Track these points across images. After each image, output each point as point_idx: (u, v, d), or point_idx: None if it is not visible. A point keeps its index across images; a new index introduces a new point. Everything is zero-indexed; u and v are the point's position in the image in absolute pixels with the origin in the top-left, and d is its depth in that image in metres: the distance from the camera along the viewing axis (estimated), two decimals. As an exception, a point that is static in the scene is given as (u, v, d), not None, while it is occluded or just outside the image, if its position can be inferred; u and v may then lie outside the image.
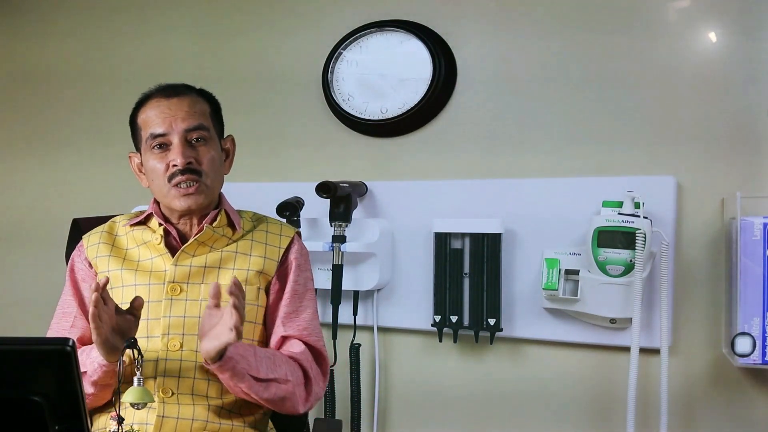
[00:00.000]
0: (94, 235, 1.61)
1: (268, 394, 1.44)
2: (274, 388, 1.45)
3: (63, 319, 1.58)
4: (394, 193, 2.19)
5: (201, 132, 1.52)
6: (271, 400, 1.46)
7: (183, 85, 1.57)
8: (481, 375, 2.12)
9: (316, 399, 1.55)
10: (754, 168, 1.86)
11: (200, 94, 1.58)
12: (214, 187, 1.54)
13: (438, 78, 2.13)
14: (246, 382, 1.40)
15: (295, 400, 1.49)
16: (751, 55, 1.87)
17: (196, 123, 1.51)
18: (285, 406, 1.49)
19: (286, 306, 1.56)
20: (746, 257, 1.74)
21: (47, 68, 2.74)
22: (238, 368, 1.38)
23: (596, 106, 2.00)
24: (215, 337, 1.34)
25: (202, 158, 1.51)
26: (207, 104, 1.58)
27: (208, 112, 1.56)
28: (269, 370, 1.44)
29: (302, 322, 1.56)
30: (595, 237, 1.84)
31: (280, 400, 1.47)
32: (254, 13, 2.43)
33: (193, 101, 1.54)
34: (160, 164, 1.50)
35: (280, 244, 1.58)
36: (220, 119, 1.62)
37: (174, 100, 1.52)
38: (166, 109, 1.51)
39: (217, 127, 1.59)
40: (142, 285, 1.52)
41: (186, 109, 1.51)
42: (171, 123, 1.50)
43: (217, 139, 1.57)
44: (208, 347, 1.35)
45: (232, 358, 1.37)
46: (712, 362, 1.89)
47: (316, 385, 1.54)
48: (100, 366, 1.39)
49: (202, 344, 1.37)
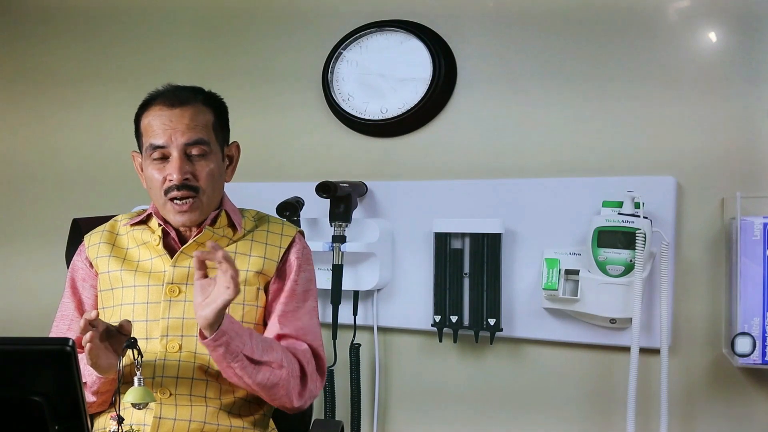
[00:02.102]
0: (95, 235, 1.61)
1: (261, 377, 1.42)
2: (267, 372, 1.43)
3: (61, 322, 1.58)
4: (394, 193, 2.19)
5: (201, 147, 1.49)
6: (263, 384, 1.43)
7: (190, 91, 1.54)
8: (481, 375, 2.12)
9: (311, 396, 1.53)
10: (754, 168, 1.86)
11: (206, 102, 1.54)
12: (210, 202, 1.52)
13: (438, 78, 2.13)
14: (239, 361, 1.38)
15: (288, 389, 1.46)
16: (751, 55, 1.87)
17: (196, 137, 1.48)
18: (277, 394, 1.46)
19: (284, 304, 1.54)
20: (746, 257, 1.74)
21: (47, 68, 2.74)
22: (232, 345, 1.36)
23: (596, 106, 2.00)
24: (212, 300, 1.32)
25: (199, 173, 1.49)
26: (211, 113, 1.54)
27: (211, 123, 1.53)
28: (264, 353, 1.42)
29: (300, 322, 1.55)
30: (595, 237, 1.84)
31: (273, 387, 1.44)
32: (254, 13, 2.43)
33: (196, 112, 1.50)
34: (158, 175, 1.49)
35: (280, 244, 1.57)
36: (225, 126, 1.59)
37: (177, 111, 1.49)
38: (168, 121, 1.48)
39: (221, 135, 1.56)
40: (141, 286, 1.51)
41: (187, 122, 1.48)
42: (171, 135, 1.47)
43: (219, 150, 1.54)
44: (205, 312, 1.33)
45: (226, 332, 1.35)
46: (712, 362, 1.89)
47: (311, 382, 1.52)
48: (98, 378, 1.39)
49: (199, 313, 1.34)
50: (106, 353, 1.33)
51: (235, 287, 1.29)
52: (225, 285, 1.29)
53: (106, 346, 1.33)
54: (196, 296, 1.35)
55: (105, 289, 1.55)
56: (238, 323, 1.40)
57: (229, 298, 1.30)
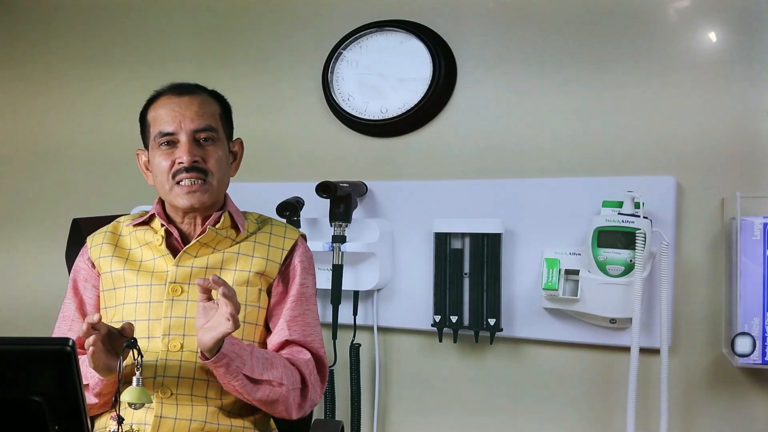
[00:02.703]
0: (98, 236, 1.61)
1: (260, 395, 1.44)
2: (267, 390, 1.44)
3: (62, 323, 1.58)
4: (394, 193, 2.19)
5: (210, 133, 1.51)
6: (263, 401, 1.45)
7: (195, 85, 1.57)
8: (481, 375, 2.12)
9: (311, 405, 1.55)
10: (754, 168, 1.86)
11: (212, 94, 1.58)
12: (219, 187, 1.54)
13: (438, 78, 2.13)
14: (239, 380, 1.40)
15: (287, 404, 1.48)
16: (751, 55, 1.87)
17: (205, 124, 1.51)
18: (276, 409, 1.49)
19: (291, 309, 1.55)
20: (746, 257, 1.74)
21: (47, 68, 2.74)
22: (231, 366, 1.38)
23: (596, 105, 2.00)
24: (212, 328, 1.34)
25: (208, 158, 1.51)
26: (218, 105, 1.57)
27: (218, 114, 1.56)
28: (264, 371, 1.43)
29: (307, 326, 1.56)
30: (595, 237, 1.84)
31: (272, 403, 1.47)
32: (254, 13, 2.43)
33: (203, 101, 1.53)
34: (165, 161, 1.50)
35: (283, 246, 1.58)
36: (230, 121, 1.61)
37: (185, 99, 1.52)
38: (176, 108, 1.50)
39: (227, 129, 1.59)
40: (144, 285, 1.52)
41: (196, 108, 1.51)
42: (180, 122, 1.49)
43: (225, 140, 1.57)
44: (205, 339, 1.34)
45: (226, 355, 1.37)
46: (712, 362, 1.89)
47: (313, 391, 1.54)
48: (101, 380, 1.40)
49: (199, 337, 1.36)
50: (108, 355, 1.33)
51: (234, 323, 1.30)
52: (225, 317, 1.31)
53: (108, 348, 1.33)
54: (198, 318, 1.37)
55: (107, 288, 1.55)
56: (239, 343, 1.41)
57: (228, 331, 1.32)
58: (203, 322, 1.36)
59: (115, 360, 1.33)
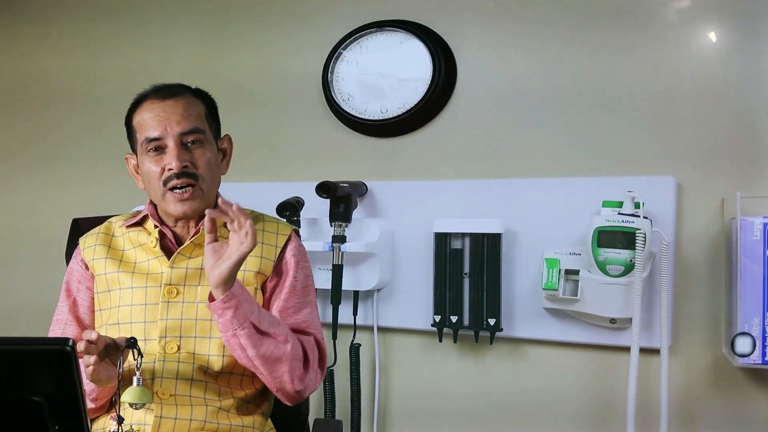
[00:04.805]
0: (90, 237, 1.60)
1: (265, 349, 1.40)
2: (272, 345, 1.41)
3: (55, 326, 1.58)
4: (394, 193, 2.19)
5: (197, 135, 1.50)
6: (267, 357, 1.41)
7: (178, 86, 1.55)
8: (481, 375, 2.12)
9: (312, 386, 1.51)
10: (754, 168, 1.86)
11: (196, 94, 1.56)
12: (210, 190, 1.53)
13: (438, 78, 2.13)
14: (245, 328, 1.37)
15: (291, 367, 1.44)
16: (751, 55, 1.87)
17: (191, 126, 1.49)
18: (279, 371, 1.44)
19: (284, 301, 1.53)
20: (746, 257, 1.74)
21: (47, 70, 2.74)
22: (240, 309, 1.36)
23: (596, 105, 2.00)
24: (227, 257, 1.33)
25: (198, 161, 1.49)
26: (203, 105, 1.56)
27: (203, 114, 1.54)
28: (270, 325, 1.42)
29: (301, 316, 1.54)
30: (595, 237, 1.84)
31: (276, 361, 1.42)
32: (254, 14, 2.43)
33: (188, 103, 1.52)
34: (155, 168, 1.49)
35: (276, 243, 1.57)
36: (216, 119, 1.60)
37: (169, 102, 1.50)
38: (161, 112, 1.49)
39: (214, 127, 1.57)
40: (139, 287, 1.51)
41: (181, 111, 1.50)
42: (166, 126, 1.48)
43: (213, 140, 1.55)
44: (219, 270, 1.33)
45: (236, 295, 1.35)
46: (712, 362, 1.89)
47: (313, 371, 1.51)
48: (97, 387, 1.40)
49: (212, 273, 1.34)
50: (106, 368, 1.33)
51: (252, 238, 1.31)
52: (239, 240, 1.31)
53: (105, 361, 1.32)
54: (207, 260, 1.36)
55: (102, 290, 1.55)
56: (248, 291, 1.40)
57: (246, 251, 1.32)
58: (213, 261, 1.35)
59: (112, 370, 1.32)
